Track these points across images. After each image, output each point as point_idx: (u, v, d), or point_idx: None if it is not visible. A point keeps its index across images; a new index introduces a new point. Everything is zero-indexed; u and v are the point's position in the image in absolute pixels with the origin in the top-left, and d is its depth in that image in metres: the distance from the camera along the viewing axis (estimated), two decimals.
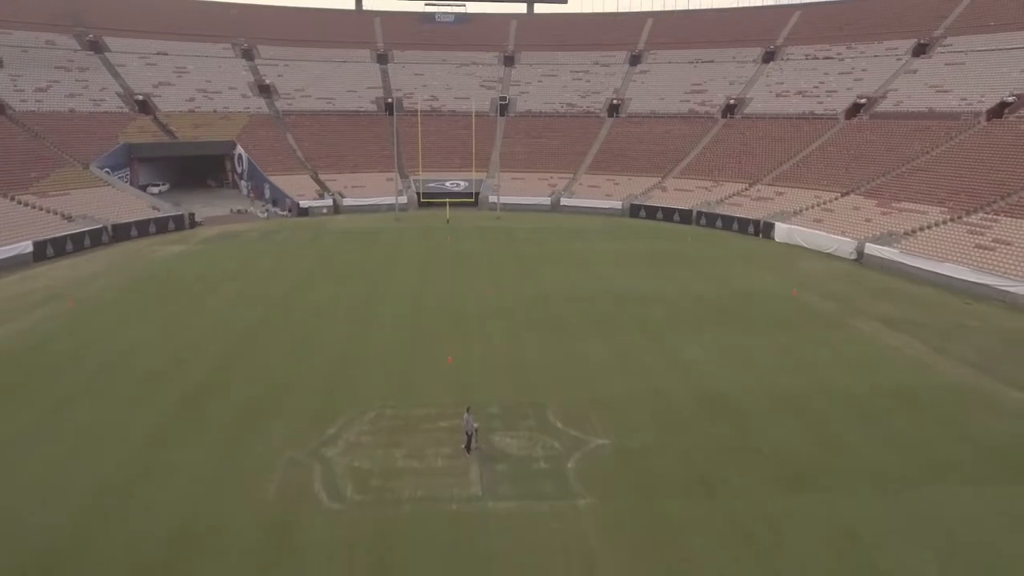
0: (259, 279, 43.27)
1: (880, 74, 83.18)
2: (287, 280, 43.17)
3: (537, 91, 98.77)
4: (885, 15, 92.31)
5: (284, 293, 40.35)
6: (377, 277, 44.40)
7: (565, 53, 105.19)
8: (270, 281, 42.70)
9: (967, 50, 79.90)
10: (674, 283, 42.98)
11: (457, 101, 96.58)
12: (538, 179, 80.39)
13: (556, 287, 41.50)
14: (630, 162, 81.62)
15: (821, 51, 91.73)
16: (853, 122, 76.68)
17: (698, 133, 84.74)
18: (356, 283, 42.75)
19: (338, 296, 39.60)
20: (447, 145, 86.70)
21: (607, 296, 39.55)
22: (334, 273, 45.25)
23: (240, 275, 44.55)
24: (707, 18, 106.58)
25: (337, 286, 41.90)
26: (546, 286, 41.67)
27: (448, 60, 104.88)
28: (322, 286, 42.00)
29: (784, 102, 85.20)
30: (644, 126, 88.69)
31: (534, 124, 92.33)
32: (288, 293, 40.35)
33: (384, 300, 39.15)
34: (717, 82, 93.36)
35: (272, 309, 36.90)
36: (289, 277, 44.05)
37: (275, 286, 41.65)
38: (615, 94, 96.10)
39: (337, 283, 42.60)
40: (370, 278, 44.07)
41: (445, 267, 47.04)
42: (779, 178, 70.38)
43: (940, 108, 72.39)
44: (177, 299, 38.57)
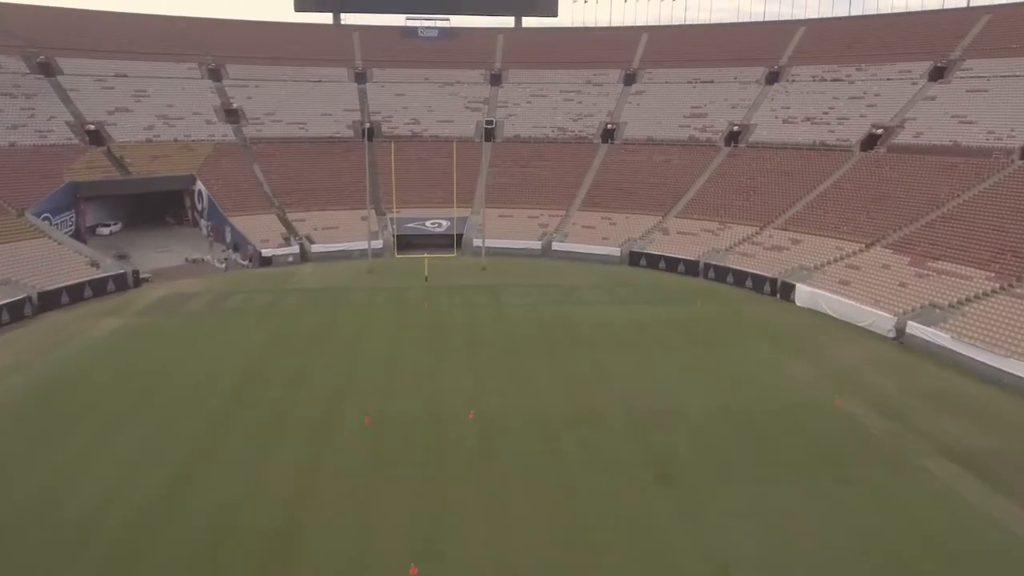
0: (193, 383, 35.31)
1: (895, 100, 75.82)
2: (226, 383, 35.26)
3: (526, 113, 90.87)
4: (896, 33, 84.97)
5: (222, 405, 32.50)
6: (337, 372, 36.55)
7: (555, 71, 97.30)
8: (206, 388, 34.77)
9: (989, 75, 72.62)
10: (694, 383, 35.38)
11: (440, 125, 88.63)
12: (527, 217, 72.52)
13: (554, 397, 33.76)
14: (627, 197, 73.89)
15: (829, 72, 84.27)
16: (870, 155, 69.24)
17: (700, 163, 77.11)
18: (310, 385, 34.92)
19: (286, 411, 31.79)
20: (428, 176, 78.72)
21: (617, 413, 31.85)
22: (286, 367, 37.37)
23: (173, 371, 36.63)
24: (705, 34, 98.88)
25: (287, 391, 34.06)
26: (542, 395, 33.91)
27: (431, 78, 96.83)
28: (269, 390, 34.18)
29: (792, 129, 77.70)
30: (641, 154, 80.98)
31: (522, 151, 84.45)
32: (227, 405, 32.49)
33: (342, 416, 31.35)
34: (718, 105, 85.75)
35: (203, 443, 28.98)
36: (231, 375, 36.15)
37: (211, 394, 33.75)
38: (609, 117, 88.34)
39: (288, 387, 34.74)
40: (329, 374, 36.24)
41: (419, 355, 39.17)
42: (793, 221, 62.85)
43: (966, 142, 65.10)
44: (84, 423, 30.60)
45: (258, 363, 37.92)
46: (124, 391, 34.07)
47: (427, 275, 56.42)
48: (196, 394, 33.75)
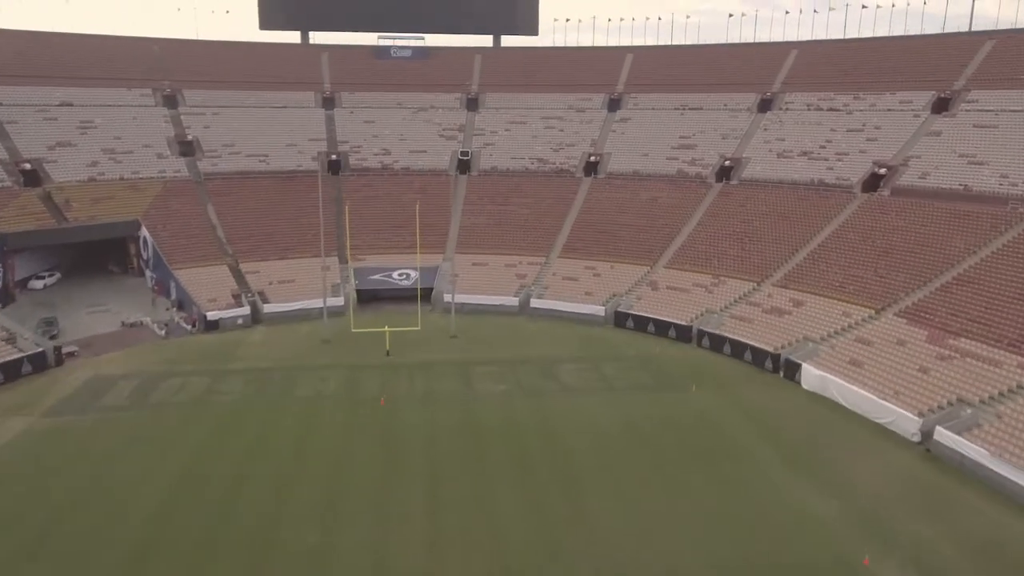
0: (98, 522, 28.64)
1: (897, 134, 69.79)
2: (138, 518, 28.63)
3: (504, 142, 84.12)
4: (894, 59, 78.91)
5: (131, 549, 25.93)
6: (262, 515, 29.86)
7: (535, 95, 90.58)
8: (113, 527, 28.10)
9: (997, 109, 66.73)
10: (692, 528, 29.06)
11: (412, 156, 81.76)
12: (504, 265, 65.86)
13: (526, 553, 27.31)
14: (612, 241, 67.44)
15: (824, 100, 78.15)
16: (873, 198, 63.16)
17: (690, 202, 70.76)
18: (230, 533, 28.25)
19: (201, 565, 25.19)
20: (398, 215, 71.83)
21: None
22: (207, 500, 30.67)
23: (78, 501, 30.05)
24: (692, 56, 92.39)
25: (206, 536, 27.36)
26: (511, 550, 27.46)
27: (404, 103, 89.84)
28: (185, 532, 27.48)
29: (787, 165, 71.52)
30: (626, 190, 74.52)
31: (500, 186, 77.76)
32: (137, 551, 25.89)
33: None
34: (708, 135, 79.43)
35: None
36: (143, 507, 29.56)
37: (119, 535, 27.14)
38: (592, 147, 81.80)
39: (207, 530, 28.04)
40: (252, 519, 29.56)
41: (365, 488, 32.48)
42: (793, 276, 56.65)
43: (977, 187, 59.16)
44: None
45: (177, 491, 31.22)
46: (17, 530, 27.34)
47: (388, 349, 49.67)
48: (101, 536, 27.21)
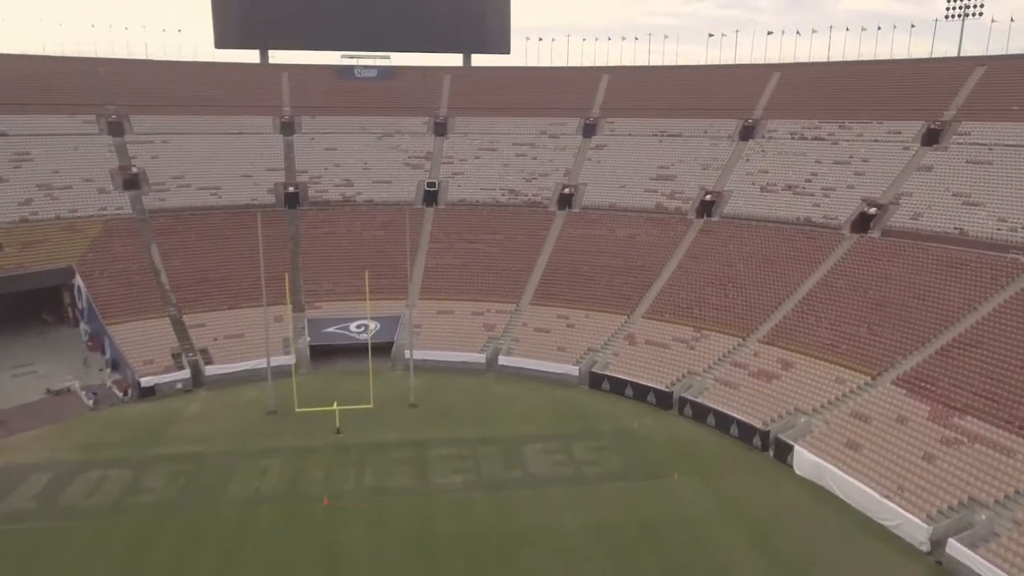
0: None
1: (886, 168, 65.74)
2: None
3: (473, 172, 79.11)
4: (881, 84, 74.83)
5: None
6: None
7: (507, 118, 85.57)
8: None
9: (990, 143, 62.86)
10: None
11: (376, 187, 76.52)
12: (471, 313, 60.89)
13: None
14: (587, 285, 62.73)
15: (809, 128, 73.96)
16: (863, 241, 58.99)
17: (670, 240, 66.22)
18: None
19: None
20: (360, 256, 66.71)
21: None
22: None
23: None
24: (670, 77, 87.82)
25: None
26: None
27: (368, 128, 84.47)
28: None
29: (772, 200, 67.20)
30: (603, 226, 69.83)
31: (469, 220, 72.73)
32: None
33: None
34: (688, 165, 74.96)
35: None
36: None
37: None
38: (567, 178, 77.04)
39: None
40: None
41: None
42: (780, 331, 52.28)
43: (973, 231, 55.16)
44: None
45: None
46: None
47: (339, 427, 44.51)
48: None
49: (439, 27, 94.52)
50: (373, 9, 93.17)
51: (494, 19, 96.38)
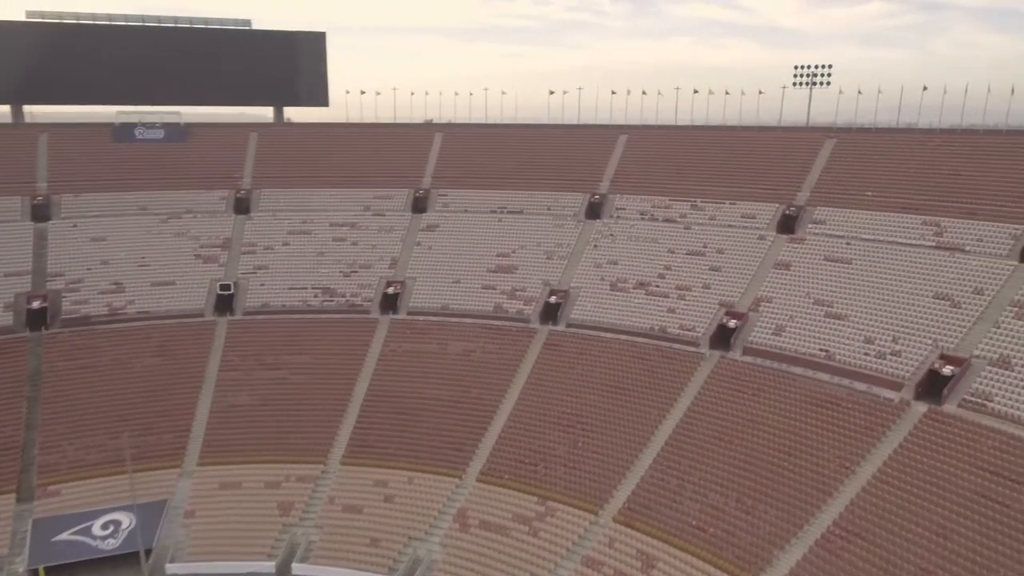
0: None
1: (742, 262, 58.02)
2: None
3: (281, 263, 64.58)
4: (725, 155, 67.28)
5: None
6: None
7: (324, 190, 71.48)
8: None
9: (846, 235, 56.49)
10: None
11: (155, 293, 60.48)
12: (264, 484, 46.97)
13: None
14: (413, 428, 50.52)
15: (660, 208, 65.31)
16: (725, 363, 50.56)
17: (510, 358, 55.25)
18: None
19: None
20: (123, 401, 51.28)
21: None
22: None
23: None
24: (508, 138, 76.82)
25: None
26: None
27: (150, 207, 67.70)
28: None
29: (623, 303, 57.82)
30: (433, 337, 57.84)
31: (272, 335, 58.40)
32: None
33: None
34: (530, 252, 64.34)
35: None
36: None
37: None
38: (393, 269, 64.31)
39: None
40: None
41: None
42: (638, 504, 42.49)
43: (840, 353, 47.98)
44: None
45: None
46: None
47: None
48: None
49: (244, 75, 78.82)
50: (160, 53, 75.91)
51: (309, 64, 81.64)
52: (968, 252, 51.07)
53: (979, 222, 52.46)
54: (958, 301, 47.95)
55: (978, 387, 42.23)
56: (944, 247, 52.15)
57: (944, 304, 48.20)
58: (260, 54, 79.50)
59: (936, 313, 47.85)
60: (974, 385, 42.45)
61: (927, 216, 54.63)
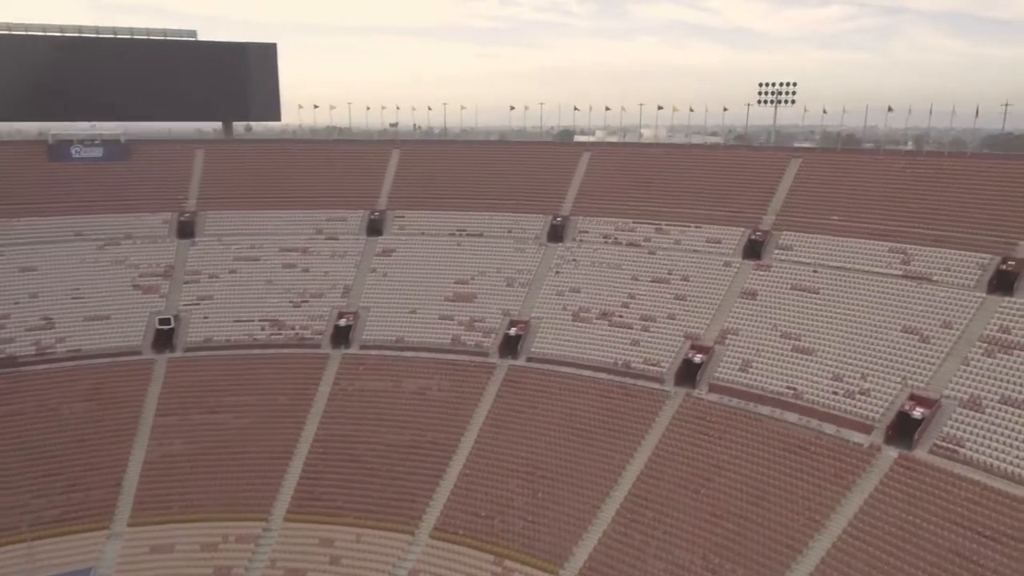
0: None
1: (708, 291, 55.71)
2: None
3: (226, 294, 60.73)
4: (695, 172, 65.14)
5: None
6: None
7: (275, 212, 67.65)
8: None
9: (813, 263, 54.47)
10: None
11: (88, 328, 56.31)
12: (199, 546, 43.39)
13: None
14: (362, 479, 47.39)
15: (623, 231, 62.75)
16: (690, 403, 48.26)
17: (468, 397, 52.30)
18: None
19: None
20: (47, 454, 47.18)
21: None
22: None
23: None
24: (468, 154, 73.78)
25: None
26: None
27: (86, 232, 63.40)
28: None
29: (586, 334, 55.19)
30: (386, 374, 54.67)
31: (214, 374, 54.69)
32: None
33: None
34: (490, 279, 61.37)
35: None
36: None
37: None
38: (345, 299, 60.86)
39: None
40: None
41: None
42: (600, 564, 39.85)
43: (808, 391, 45.95)
44: None
45: None
46: None
47: None
48: None
49: (190, 88, 74.38)
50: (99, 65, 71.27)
51: (260, 77, 77.50)
52: (936, 282, 49.30)
53: (946, 250, 50.75)
54: (927, 335, 46.13)
55: (949, 431, 40.40)
56: (912, 276, 50.32)
57: (913, 338, 46.36)
58: (207, 66, 75.17)
59: (905, 348, 46.01)
60: (945, 429, 40.61)
61: (894, 243, 52.78)
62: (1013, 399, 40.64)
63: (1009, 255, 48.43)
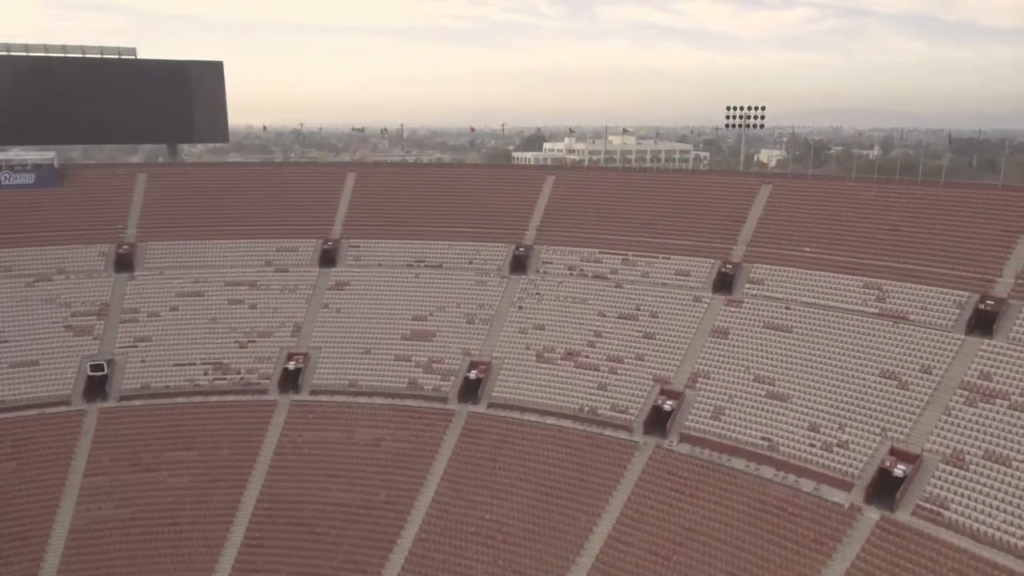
0: None
1: (678, 329, 52.63)
2: None
3: (166, 336, 56.10)
4: (661, 199, 62.13)
5: None
6: None
7: (221, 243, 63.07)
8: None
9: (784, 297, 51.75)
10: None
11: (12, 376, 51.48)
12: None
13: None
14: (309, 549, 43.23)
15: (589, 261, 59.48)
16: (661, 451, 45.16)
17: (425, 448, 48.55)
18: None
19: None
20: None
21: None
22: None
23: None
24: (428, 177, 70.20)
25: None
26: None
27: (15, 267, 58.62)
28: None
29: (549, 377, 51.78)
30: (337, 425, 50.68)
31: (151, 426, 50.18)
32: None
33: None
34: (450, 315, 57.62)
35: None
36: None
37: None
38: (295, 338, 56.58)
39: None
40: None
41: None
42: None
43: (784, 443, 43.15)
44: None
45: None
46: None
47: None
48: None
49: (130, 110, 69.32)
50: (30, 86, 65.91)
51: (205, 96, 72.62)
52: (913, 322, 46.81)
53: (922, 286, 48.30)
54: (905, 381, 43.58)
55: (932, 490, 37.78)
56: (887, 315, 47.77)
57: (891, 384, 43.79)
58: (148, 86, 70.13)
59: (883, 395, 43.40)
60: (928, 488, 37.98)
61: (868, 277, 50.25)
62: (997, 455, 38.16)
63: (987, 293, 46.11)
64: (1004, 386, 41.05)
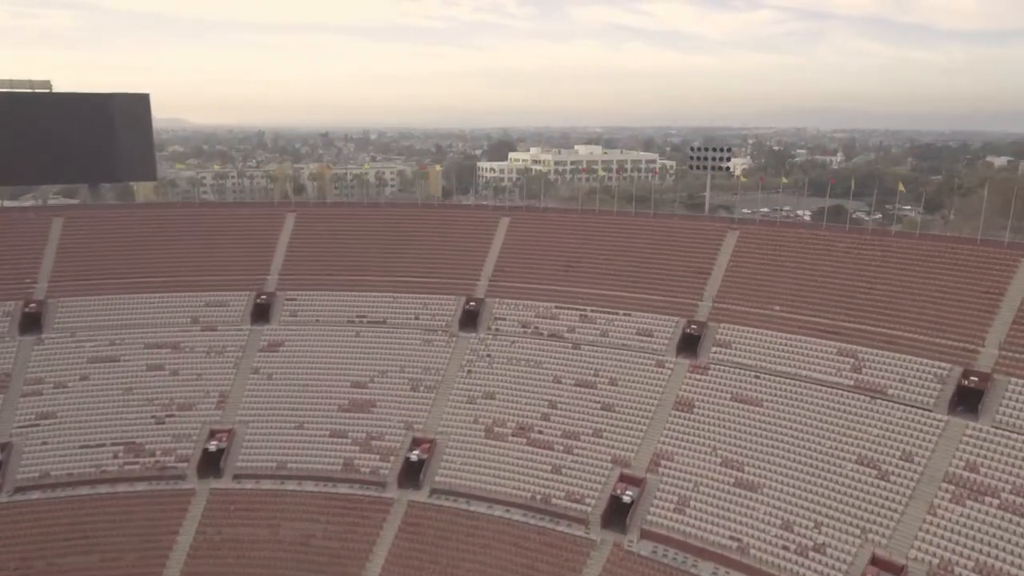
0: None
1: (638, 400, 47.50)
2: None
3: (73, 412, 49.37)
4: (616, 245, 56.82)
5: None
6: None
7: (143, 297, 56.33)
8: None
9: (758, 365, 46.93)
10: None
11: None
12: None
13: None
14: None
15: (544, 317, 53.95)
16: (620, 552, 39.85)
17: (359, 546, 42.75)
18: None
19: None
20: None
21: None
22: None
23: None
24: (374, 219, 63.65)
25: None
26: None
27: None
28: None
29: (499, 457, 46.28)
30: (261, 519, 44.56)
31: (44, 529, 43.57)
32: None
33: None
34: (392, 381, 51.71)
35: None
36: None
37: None
38: (220, 411, 50.21)
39: None
40: None
41: None
42: None
43: (756, 543, 38.28)
44: None
45: None
46: None
47: None
48: None
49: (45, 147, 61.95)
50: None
51: (130, 132, 65.44)
52: (891, 397, 42.21)
53: (900, 355, 43.72)
54: (885, 471, 38.95)
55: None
56: (864, 388, 43.12)
57: (870, 474, 39.13)
58: (66, 122, 62.80)
59: (862, 486, 38.75)
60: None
61: (842, 343, 45.59)
62: (989, 567, 33.54)
63: (970, 367, 41.67)
64: (993, 480, 36.68)
